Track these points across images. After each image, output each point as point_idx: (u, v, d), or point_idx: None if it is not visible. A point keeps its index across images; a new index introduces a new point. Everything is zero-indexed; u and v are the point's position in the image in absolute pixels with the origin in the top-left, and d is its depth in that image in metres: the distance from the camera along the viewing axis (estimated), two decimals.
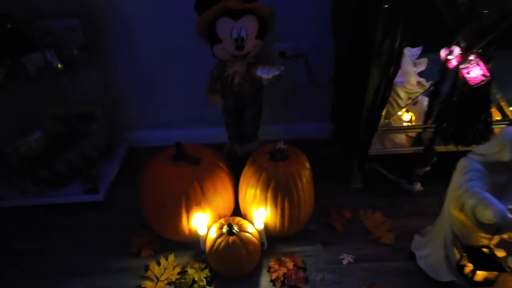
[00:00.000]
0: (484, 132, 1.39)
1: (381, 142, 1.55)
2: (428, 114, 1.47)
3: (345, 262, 1.29)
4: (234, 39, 1.31)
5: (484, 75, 1.22)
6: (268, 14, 1.33)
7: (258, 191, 1.26)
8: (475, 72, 1.22)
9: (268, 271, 1.26)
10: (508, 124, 1.49)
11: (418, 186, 1.58)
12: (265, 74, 1.35)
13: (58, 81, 1.38)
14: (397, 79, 1.48)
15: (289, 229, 1.32)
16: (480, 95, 1.29)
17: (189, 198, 1.23)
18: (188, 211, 1.24)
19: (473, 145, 1.42)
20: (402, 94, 1.55)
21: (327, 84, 1.65)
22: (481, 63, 1.22)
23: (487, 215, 0.93)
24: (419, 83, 1.60)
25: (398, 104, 1.55)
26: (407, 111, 1.57)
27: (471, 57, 1.23)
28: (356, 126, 1.47)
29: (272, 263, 1.28)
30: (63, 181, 1.58)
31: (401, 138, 1.59)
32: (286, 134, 1.90)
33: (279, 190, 1.23)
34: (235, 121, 1.55)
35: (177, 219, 1.24)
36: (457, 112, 1.37)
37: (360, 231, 1.41)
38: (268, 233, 1.34)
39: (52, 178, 1.57)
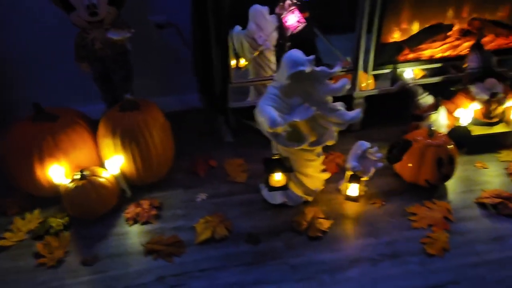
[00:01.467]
0: None
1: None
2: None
3: (198, 199, 1.43)
4: (86, 6, 1.43)
5: (299, 22, 1.39)
6: None
7: (109, 140, 1.38)
8: (291, 19, 1.39)
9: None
10: None
11: None
12: (115, 35, 1.48)
13: None
14: (263, 42, 1.65)
15: (147, 176, 1.44)
16: (304, 43, 1.47)
17: (42, 151, 1.32)
18: (42, 163, 1.33)
19: None
20: (271, 58, 1.72)
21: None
22: (296, 11, 1.39)
23: (264, 123, 1.08)
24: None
25: (270, 68, 1.71)
26: None
27: (290, 7, 1.41)
28: (211, 82, 1.62)
29: (130, 206, 1.41)
30: None
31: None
32: (177, 105, 2.04)
33: (126, 137, 1.35)
34: (106, 86, 1.67)
35: (32, 171, 1.33)
36: None
37: (221, 175, 1.55)
38: (131, 182, 1.46)
39: None
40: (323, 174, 1.41)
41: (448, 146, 1.35)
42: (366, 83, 1.75)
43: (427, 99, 1.62)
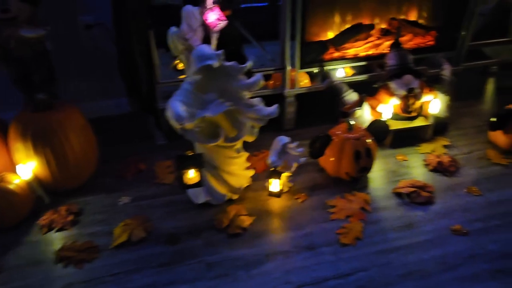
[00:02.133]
0: None
1: None
2: None
3: (121, 203, 1.38)
4: None
5: (219, 19, 1.40)
6: None
7: (20, 144, 1.30)
8: (211, 17, 1.39)
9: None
10: None
11: None
12: (28, 33, 1.42)
13: None
14: (193, 42, 1.64)
15: (65, 181, 1.37)
16: (228, 41, 1.48)
17: None
18: None
19: None
20: None
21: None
22: (217, 9, 1.40)
23: (170, 118, 1.07)
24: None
25: None
26: None
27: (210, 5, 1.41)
28: (138, 83, 1.59)
29: (48, 213, 1.33)
30: None
31: None
32: (115, 109, 1.98)
33: (39, 140, 1.28)
34: (27, 88, 1.57)
35: None
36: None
37: (149, 178, 1.50)
38: (48, 187, 1.38)
39: None
40: (248, 172, 1.41)
41: (366, 140, 1.40)
42: (303, 81, 1.80)
43: (352, 96, 1.68)
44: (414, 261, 1.11)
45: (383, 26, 1.76)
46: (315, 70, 1.71)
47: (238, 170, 1.38)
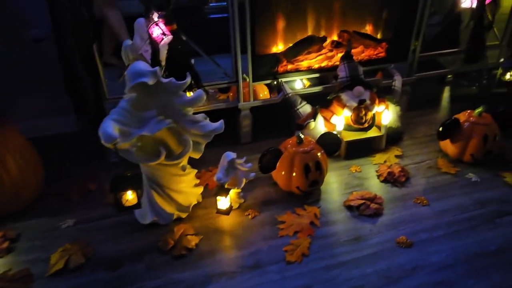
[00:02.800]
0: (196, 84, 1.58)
1: None
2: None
3: (63, 226, 1.31)
4: None
5: (163, 34, 1.38)
6: None
7: None
8: (156, 31, 1.37)
9: None
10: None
11: None
12: None
13: None
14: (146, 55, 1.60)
15: (2, 205, 1.29)
16: (178, 54, 1.46)
17: None
18: None
19: None
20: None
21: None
22: (161, 23, 1.38)
23: (101, 138, 1.03)
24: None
25: None
26: None
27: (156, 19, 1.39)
28: (85, 100, 1.53)
29: None
30: None
31: None
32: (65, 127, 1.90)
33: None
34: None
35: None
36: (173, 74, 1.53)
37: (98, 198, 1.44)
38: None
39: None
40: (196, 189, 1.38)
41: (316, 153, 1.39)
42: (262, 94, 1.80)
43: (305, 108, 1.68)
44: (358, 275, 1.09)
45: (335, 38, 1.78)
46: (273, 82, 1.72)
47: (186, 188, 1.35)
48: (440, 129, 1.56)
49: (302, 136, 1.40)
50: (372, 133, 1.68)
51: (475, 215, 1.31)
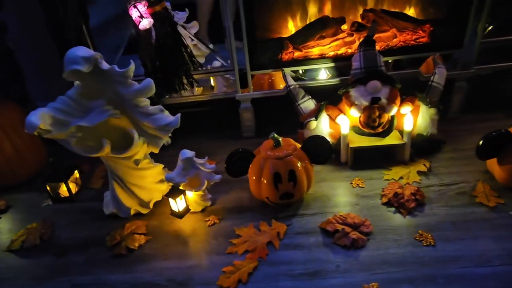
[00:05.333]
0: (186, 80, 1.45)
1: None
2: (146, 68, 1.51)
3: (44, 205, 1.35)
4: None
5: (141, 17, 1.27)
6: None
7: None
8: (133, 14, 1.27)
9: None
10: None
11: (167, 139, 1.62)
12: None
13: None
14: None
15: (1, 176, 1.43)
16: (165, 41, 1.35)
17: None
18: None
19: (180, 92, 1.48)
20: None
21: None
22: (140, 5, 1.27)
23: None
24: (195, 45, 1.66)
25: None
26: None
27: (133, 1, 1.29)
28: None
29: None
30: None
31: None
32: None
33: None
34: None
35: None
36: (162, 60, 1.43)
37: (85, 181, 1.44)
38: None
39: None
40: (161, 185, 1.28)
41: (292, 160, 1.14)
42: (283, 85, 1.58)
43: (308, 104, 1.41)
44: None
45: (357, 19, 1.44)
46: (269, 71, 1.48)
47: (149, 184, 1.26)
48: (480, 143, 1.14)
49: (281, 139, 1.18)
50: (391, 140, 1.32)
51: (498, 272, 0.91)
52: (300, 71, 1.63)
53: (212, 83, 1.79)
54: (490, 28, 1.53)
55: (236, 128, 1.64)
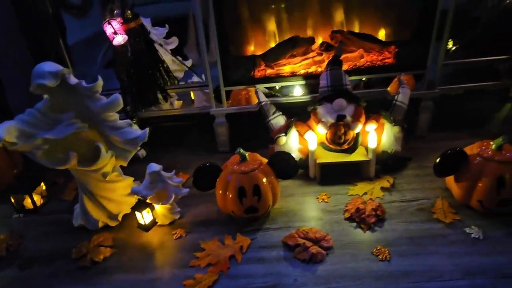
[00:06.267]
0: (160, 94, 1.48)
1: None
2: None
3: (15, 216, 1.35)
4: None
5: (115, 33, 1.31)
6: None
7: None
8: (108, 30, 1.31)
9: None
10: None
11: (142, 152, 1.65)
12: None
13: None
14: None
15: None
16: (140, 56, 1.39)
17: None
18: None
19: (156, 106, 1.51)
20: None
21: None
22: (115, 21, 1.31)
23: None
24: (174, 61, 1.70)
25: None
26: None
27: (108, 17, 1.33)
28: None
29: None
30: None
31: None
32: None
33: None
34: None
35: None
36: (137, 75, 1.47)
37: (58, 193, 1.46)
38: None
39: None
40: (130, 198, 1.30)
41: (257, 175, 1.16)
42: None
43: (278, 120, 1.45)
44: None
45: (326, 39, 1.50)
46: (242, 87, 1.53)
47: (118, 196, 1.28)
48: (437, 161, 1.18)
49: (247, 154, 1.21)
50: (357, 156, 1.36)
51: (447, 287, 0.95)
52: (277, 87, 1.69)
53: (192, 97, 1.83)
54: (454, 48, 1.61)
55: (212, 142, 1.67)
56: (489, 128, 1.61)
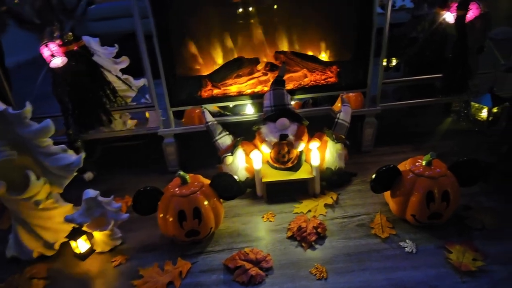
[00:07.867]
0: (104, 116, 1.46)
1: None
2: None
3: None
4: None
5: (52, 55, 1.29)
6: None
7: None
8: (45, 52, 1.29)
9: None
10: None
11: (88, 175, 1.61)
12: None
13: None
14: None
15: None
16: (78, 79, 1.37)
17: None
18: None
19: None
20: None
21: None
22: (52, 44, 1.29)
23: None
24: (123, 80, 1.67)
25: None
26: None
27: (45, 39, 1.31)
28: None
29: None
30: None
31: None
32: None
33: None
34: None
35: None
36: (78, 98, 1.44)
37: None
38: None
39: None
40: (68, 226, 1.25)
41: (197, 197, 1.15)
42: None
43: (225, 140, 1.45)
44: None
45: (270, 59, 1.54)
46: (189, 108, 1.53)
47: (55, 224, 1.22)
48: (373, 177, 1.23)
49: (188, 176, 1.21)
50: (301, 174, 1.39)
51: None
52: (230, 106, 1.70)
53: (147, 115, 1.81)
54: (395, 64, 1.70)
55: (162, 163, 1.65)
56: (431, 142, 1.70)
